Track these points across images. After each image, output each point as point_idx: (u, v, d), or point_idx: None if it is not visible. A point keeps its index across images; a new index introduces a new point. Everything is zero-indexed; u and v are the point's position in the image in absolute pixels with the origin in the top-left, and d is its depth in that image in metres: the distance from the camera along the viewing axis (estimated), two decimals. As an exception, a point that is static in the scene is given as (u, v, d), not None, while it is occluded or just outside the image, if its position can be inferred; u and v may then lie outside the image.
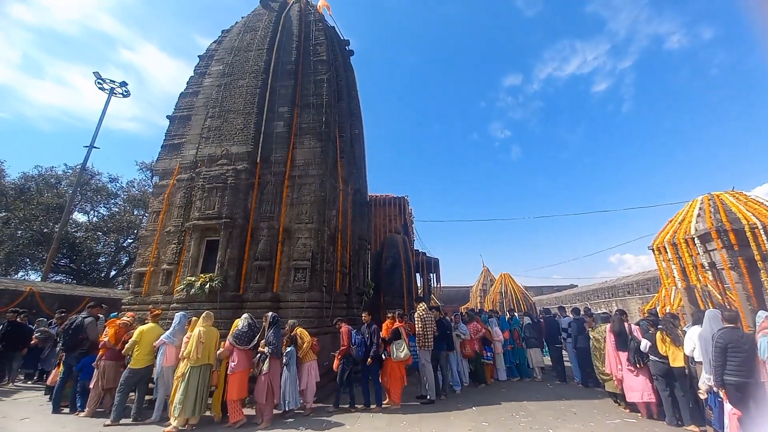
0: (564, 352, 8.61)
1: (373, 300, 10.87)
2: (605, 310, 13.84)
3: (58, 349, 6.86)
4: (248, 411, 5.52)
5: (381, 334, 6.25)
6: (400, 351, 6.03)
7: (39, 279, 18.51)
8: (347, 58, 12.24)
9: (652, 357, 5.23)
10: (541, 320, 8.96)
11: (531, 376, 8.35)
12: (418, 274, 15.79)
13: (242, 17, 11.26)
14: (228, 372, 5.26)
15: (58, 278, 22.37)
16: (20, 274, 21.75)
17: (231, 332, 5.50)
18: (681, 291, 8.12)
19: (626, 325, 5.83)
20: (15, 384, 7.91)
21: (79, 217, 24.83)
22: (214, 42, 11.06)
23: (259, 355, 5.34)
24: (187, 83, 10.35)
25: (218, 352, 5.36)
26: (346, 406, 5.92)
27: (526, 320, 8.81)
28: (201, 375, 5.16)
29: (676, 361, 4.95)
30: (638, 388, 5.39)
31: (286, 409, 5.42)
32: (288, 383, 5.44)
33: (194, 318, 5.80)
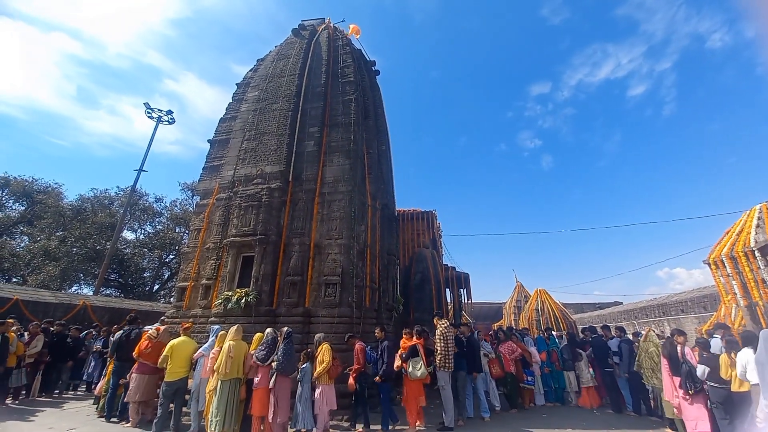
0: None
1: (402, 316, 10.73)
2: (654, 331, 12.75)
3: (109, 358, 7.29)
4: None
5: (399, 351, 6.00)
6: (417, 369, 5.66)
7: (91, 293, 20.01)
8: (373, 78, 12.62)
9: (709, 383, 4.75)
10: (587, 341, 8.15)
11: (567, 401, 7.76)
12: (448, 290, 15.43)
13: (276, 46, 12.00)
14: (253, 387, 5.29)
15: (107, 292, 24.08)
16: (74, 288, 23.64)
17: (254, 347, 5.56)
18: (742, 309, 7.34)
19: (679, 347, 5.33)
20: (64, 395, 8.40)
21: (128, 234, 26.87)
22: (251, 70, 11.83)
23: (270, 371, 5.31)
24: (226, 109, 11.09)
25: (246, 366, 5.42)
26: (361, 426, 5.74)
27: (563, 341, 8.28)
28: (230, 389, 5.22)
29: (743, 386, 4.44)
30: (692, 416, 4.92)
31: (297, 429, 5.35)
32: (300, 401, 5.34)
33: (222, 332, 5.83)
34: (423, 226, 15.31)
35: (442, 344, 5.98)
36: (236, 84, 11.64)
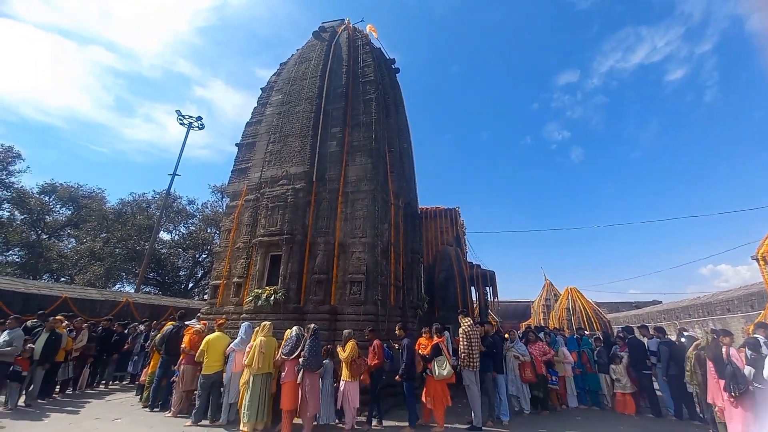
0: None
1: (427, 314, 10.67)
2: (690, 332, 11.99)
3: (151, 351, 7.77)
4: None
5: (421, 351, 5.92)
6: (443, 369, 5.60)
7: (132, 290, 21.34)
8: (393, 76, 12.60)
9: (756, 384, 4.44)
10: (623, 341, 7.76)
11: (602, 404, 7.43)
12: (473, 288, 15.19)
13: (297, 49, 12.24)
14: (281, 382, 5.47)
15: (147, 289, 25.55)
16: (117, 286, 25.31)
17: (282, 343, 5.75)
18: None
19: (724, 348, 5.00)
20: (110, 387, 9.04)
21: (164, 235, 28.35)
22: (274, 74, 12.14)
23: (297, 366, 5.45)
24: (252, 113, 11.45)
25: (275, 361, 5.63)
26: (375, 422, 5.78)
27: (598, 341, 7.96)
28: (262, 383, 5.45)
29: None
30: (736, 420, 4.61)
31: (319, 422, 5.49)
32: (322, 396, 5.48)
33: (257, 328, 6.05)
34: (446, 224, 15.14)
35: (466, 343, 5.86)
36: (261, 88, 12.00)
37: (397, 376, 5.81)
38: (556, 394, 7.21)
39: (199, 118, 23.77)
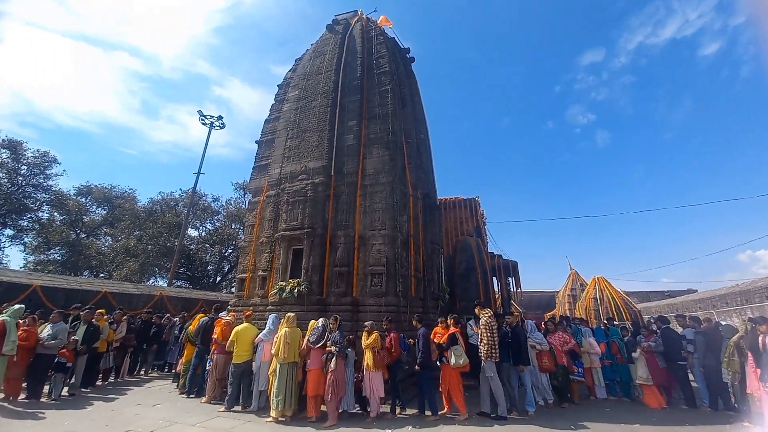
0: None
1: (448, 305, 10.66)
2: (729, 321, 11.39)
3: (185, 342, 8.21)
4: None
5: (436, 340, 6.03)
6: (459, 357, 5.70)
7: (165, 285, 22.44)
8: (408, 66, 12.44)
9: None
10: (648, 331, 7.49)
11: (633, 395, 7.22)
12: (495, 278, 15.00)
13: (312, 44, 12.28)
14: (306, 369, 5.70)
15: (178, 284, 26.81)
16: (151, 280, 26.65)
17: (308, 332, 5.97)
18: None
19: (761, 337, 4.74)
20: (149, 375, 9.62)
21: (192, 232, 29.51)
22: (290, 70, 12.26)
23: (326, 354, 5.62)
24: (270, 110, 11.64)
25: (300, 350, 5.85)
26: (399, 410, 5.92)
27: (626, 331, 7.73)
28: (288, 371, 5.70)
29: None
30: None
31: (342, 409, 5.67)
32: (346, 384, 5.69)
33: (282, 320, 6.31)
34: (466, 214, 14.96)
35: (487, 333, 5.86)
36: (277, 85, 12.15)
37: (417, 365, 5.90)
38: (579, 386, 7.03)
39: (220, 118, 24.41)
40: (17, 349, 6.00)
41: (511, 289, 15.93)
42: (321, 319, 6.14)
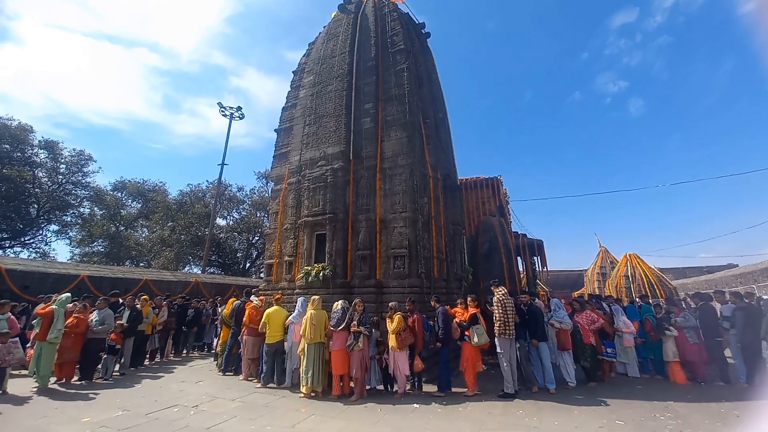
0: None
1: (472, 285, 10.64)
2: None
3: (221, 324, 8.75)
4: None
5: (457, 319, 6.18)
6: (481, 336, 5.83)
7: (199, 271, 23.66)
8: (424, 42, 12.02)
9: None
10: (678, 308, 7.21)
11: (666, 373, 7.02)
12: (519, 258, 14.75)
13: (324, 27, 12.07)
14: (330, 350, 5.97)
15: (211, 270, 28.18)
16: (186, 268, 28.17)
17: (330, 315, 6.21)
18: None
19: None
20: (190, 355, 10.32)
21: (220, 221, 30.67)
22: (304, 56, 12.16)
23: (353, 334, 5.82)
24: (287, 98, 11.67)
25: (326, 331, 6.11)
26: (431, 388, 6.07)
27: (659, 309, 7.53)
28: (316, 351, 5.98)
29: None
30: None
31: (369, 386, 5.97)
32: (371, 363, 5.97)
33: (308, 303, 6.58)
34: (488, 194, 14.64)
35: (501, 311, 5.95)
36: (292, 72, 12.11)
37: (437, 342, 6.04)
38: (609, 365, 6.91)
39: (239, 108, 24.77)
40: (70, 335, 6.52)
41: (537, 269, 15.63)
42: (340, 302, 6.34)
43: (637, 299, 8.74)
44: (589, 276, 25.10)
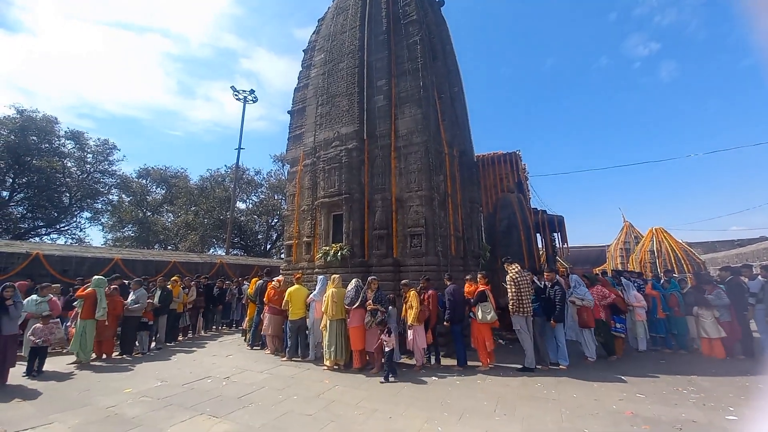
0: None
1: (490, 263, 10.60)
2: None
3: (246, 303, 9.19)
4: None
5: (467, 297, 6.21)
6: (487, 313, 5.85)
7: (223, 253, 24.57)
8: (438, 11, 11.48)
9: None
10: (711, 284, 6.96)
11: (690, 348, 6.96)
12: (538, 235, 14.50)
13: (333, 1, 11.69)
14: (348, 326, 6.17)
15: (234, 252, 29.19)
16: (211, 250, 29.29)
17: (348, 292, 6.35)
18: None
19: None
20: (219, 331, 10.92)
21: (240, 205, 31.44)
22: (313, 33, 11.88)
23: (370, 311, 5.95)
24: (298, 78, 11.54)
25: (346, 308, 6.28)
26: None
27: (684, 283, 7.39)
28: (337, 327, 6.23)
29: None
30: None
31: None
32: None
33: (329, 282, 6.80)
34: (506, 170, 14.25)
35: (514, 289, 5.93)
36: (303, 50, 11.89)
37: (445, 321, 6.15)
38: (620, 342, 6.78)
39: (252, 92, 24.76)
40: (108, 315, 6.99)
41: (557, 245, 15.35)
42: (353, 281, 6.46)
43: (662, 274, 8.53)
44: (612, 252, 24.46)
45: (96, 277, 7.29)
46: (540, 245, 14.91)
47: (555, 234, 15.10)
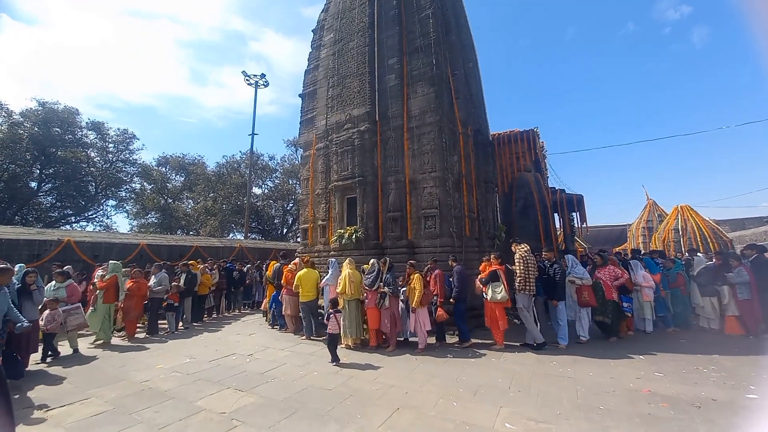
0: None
1: (505, 244, 10.50)
2: None
3: (265, 285, 9.50)
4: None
5: (481, 276, 6.25)
6: (498, 293, 5.87)
7: (242, 238, 25.27)
8: (452, -18, 10.94)
9: None
10: (743, 261, 6.73)
11: (691, 325, 7.02)
12: (556, 215, 14.18)
13: (342, -24, 11.30)
14: (366, 307, 6.33)
15: (253, 236, 29.96)
16: (230, 235, 30.15)
17: (364, 275, 6.47)
18: None
19: None
20: (241, 311, 11.40)
21: (256, 190, 31.98)
22: (322, 11, 11.58)
23: (380, 294, 6.10)
24: (308, 60, 11.37)
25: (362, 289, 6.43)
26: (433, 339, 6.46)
27: (700, 261, 7.28)
28: (355, 307, 6.42)
29: None
30: None
31: (404, 338, 6.42)
32: (402, 316, 6.35)
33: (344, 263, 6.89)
34: (523, 148, 13.84)
35: (522, 267, 5.97)
36: (312, 30, 11.66)
37: (452, 299, 6.23)
38: (627, 322, 6.67)
39: (263, 75, 24.63)
40: (133, 297, 7.35)
41: (575, 225, 15.00)
42: (373, 261, 6.56)
43: (686, 254, 8.31)
44: (633, 231, 23.76)
45: (112, 262, 7.57)
46: (558, 225, 14.61)
47: (573, 213, 14.73)
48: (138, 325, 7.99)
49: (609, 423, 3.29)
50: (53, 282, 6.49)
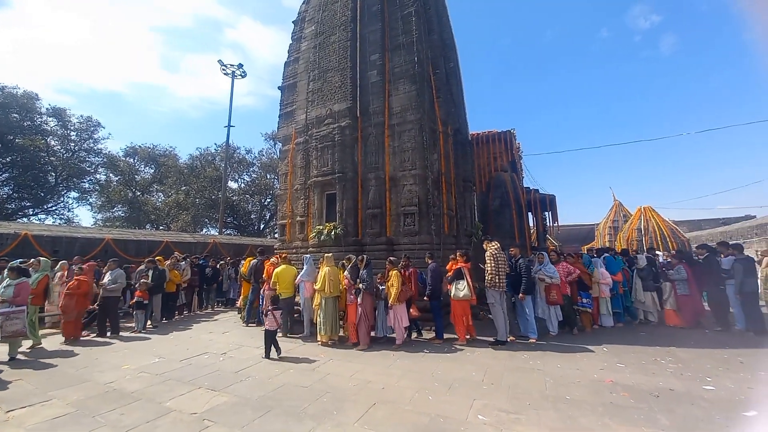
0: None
1: (481, 241, 10.75)
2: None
3: (239, 281, 9.24)
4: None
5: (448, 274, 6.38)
6: (460, 290, 6.03)
7: (216, 233, 24.48)
8: (434, -19, 11.00)
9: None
10: (677, 260, 7.43)
11: (638, 318, 7.71)
12: (530, 214, 14.68)
13: (325, -33, 11.10)
14: (347, 303, 6.32)
15: (228, 232, 29.11)
16: (204, 230, 29.14)
17: (346, 270, 6.46)
18: None
19: None
20: (214, 309, 11.03)
21: (232, 184, 31.04)
22: (303, 3, 11.34)
23: (355, 290, 6.13)
24: (288, 51, 11.12)
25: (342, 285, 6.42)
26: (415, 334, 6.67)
27: (642, 260, 7.93)
28: (333, 304, 6.41)
29: None
30: None
31: (378, 335, 6.44)
32: (378, 314, 6.41)
33: (321, 260, 6.87)
34: (500, 148, 14.20)
35: (492, 264, 6.11)
36: (292, 22, 11.40)
37: (426, 296, 6.38)
38: (589, 316, 7.01)
39: (240, 66, 23.87)
40: (72, 296, 6.72)
41: (548, 224, 15.59)
42: (351, 256, 6.61)
43: (646, 253, 8.89)
44: (601, 230, 24.96)
45: (42, 259, 7.10)
46: (532, 224, 15.13)
47: (546, 213, 15.31)
48: (94, 325, 7.49)
49: (575, 412, 3.45)
50: (7, 279, 5.88)
